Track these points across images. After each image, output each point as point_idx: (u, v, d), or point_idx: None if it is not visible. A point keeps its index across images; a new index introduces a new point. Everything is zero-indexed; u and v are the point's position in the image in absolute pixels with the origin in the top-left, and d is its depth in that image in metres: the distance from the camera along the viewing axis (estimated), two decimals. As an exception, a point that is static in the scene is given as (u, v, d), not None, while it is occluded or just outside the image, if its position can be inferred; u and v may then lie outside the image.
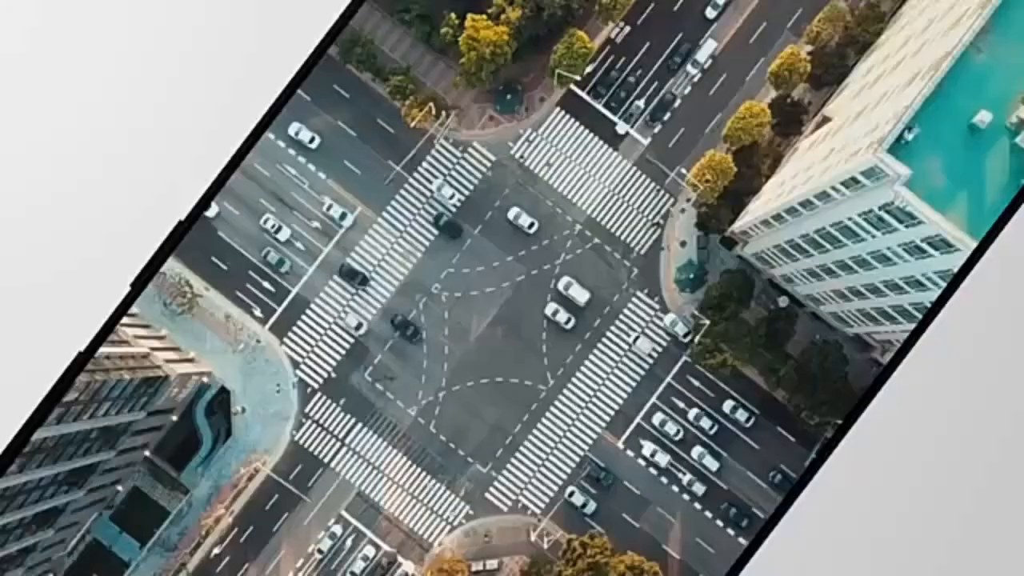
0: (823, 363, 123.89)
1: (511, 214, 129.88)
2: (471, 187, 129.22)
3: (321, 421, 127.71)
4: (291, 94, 68.75)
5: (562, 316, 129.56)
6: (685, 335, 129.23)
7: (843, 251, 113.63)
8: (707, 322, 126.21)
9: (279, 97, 67.58)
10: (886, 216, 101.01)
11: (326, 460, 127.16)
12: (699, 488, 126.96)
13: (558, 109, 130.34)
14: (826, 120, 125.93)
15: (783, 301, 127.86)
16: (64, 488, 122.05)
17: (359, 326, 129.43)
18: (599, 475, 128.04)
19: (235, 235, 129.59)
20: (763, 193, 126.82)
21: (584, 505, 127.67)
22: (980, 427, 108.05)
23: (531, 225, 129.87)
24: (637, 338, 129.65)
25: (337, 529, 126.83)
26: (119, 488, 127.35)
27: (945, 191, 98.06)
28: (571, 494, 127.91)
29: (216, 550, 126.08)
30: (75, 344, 66.79)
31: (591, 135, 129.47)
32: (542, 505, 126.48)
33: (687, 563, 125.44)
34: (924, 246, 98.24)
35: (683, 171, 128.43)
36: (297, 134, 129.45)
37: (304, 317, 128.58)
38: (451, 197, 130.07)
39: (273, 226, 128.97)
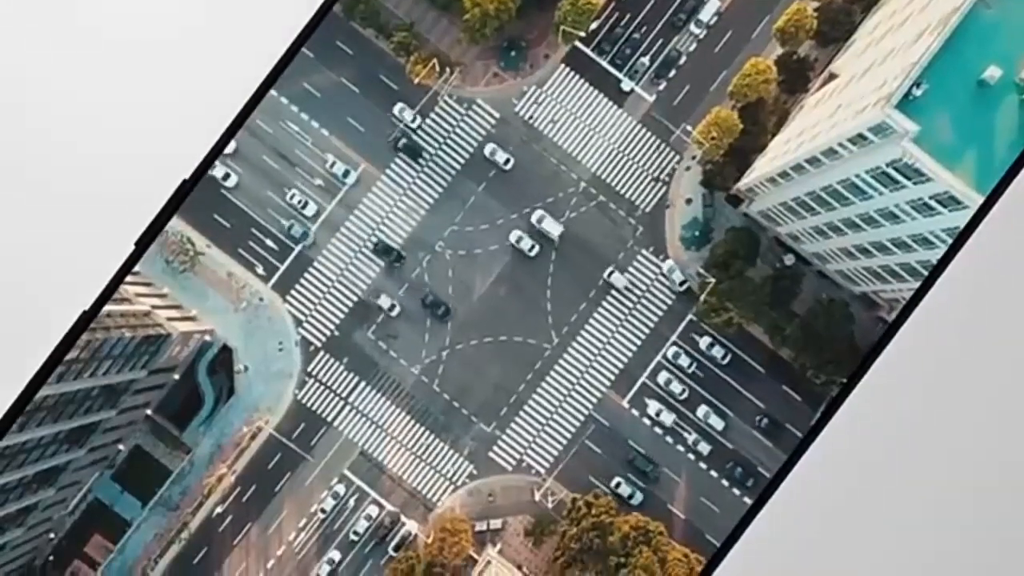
0: (829, 322, 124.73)
1: (487, 150, 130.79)
2: (475, 144, 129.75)
3: (324, 380, 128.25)
4: (296, 51, 69.77)
5: (526, 243, 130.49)
6: (682, 283, 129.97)
7: (850, 208, 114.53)
8: (712, 280, 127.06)
9: (284, 55, 68.57)
10: (894, 173, 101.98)
11: (329, 419, 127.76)
12: (704, 447, 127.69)
13: (562, 66, 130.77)
14: (833, 77, 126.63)
15: (789, 259, 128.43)
16: (65, 447, 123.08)
17: (392, 307, 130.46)
18: (647, 468, 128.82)
19: (237, 192, 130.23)
20: (769, 150, 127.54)
21: (631, 496, 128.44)
22: (986, 386, 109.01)
23: (507, 161, 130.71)
24: (611, 273, 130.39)
25: (340, 488, 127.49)
26: (120, 447, 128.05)
27: (954, 147, 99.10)
28: (617, 485, 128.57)
29: (218, 509, 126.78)
30: (78, 303, 67.95)
31: (596, 92, 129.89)
32: (546, 465, 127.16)
33: (692, 522, 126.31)
34: (932, 203, 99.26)
35: (688, 128, 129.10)
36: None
37: (307, 275, 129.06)
38: (412, 120, 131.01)
39: (300, 202, 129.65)
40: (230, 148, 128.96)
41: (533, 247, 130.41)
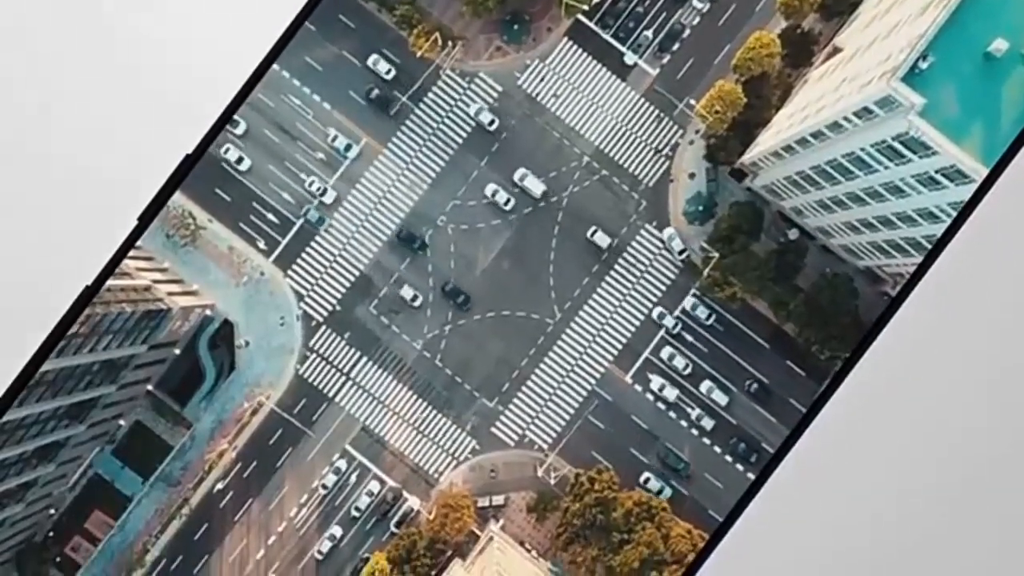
0: (833, 296, 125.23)
1: (472, 110, 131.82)
2: (475, 122, 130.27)
3: (325, 355, 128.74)
4: (300, 25, 70.22)
5: (501, 197, 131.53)
6: (681, 251, 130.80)
7: (855, 183, 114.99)
8: (716, 255, 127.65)
9: (287, 28, 68.98)
10: (899, 146, 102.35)
11: (330, 394, 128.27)
12: (708, 423, 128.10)
13: (565, 39, 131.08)
14: (837, 51, 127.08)
15: (793, 233, 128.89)
16: (65, 422, 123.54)
17: (415, 298, 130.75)
18: (678, 466, 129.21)
19: (240, 166, 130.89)
20: (773, 124, 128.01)
21: (660, 491, 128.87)
22: (991, 361, 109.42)
23: (491, 122, 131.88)
24: (595, 232, 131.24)
25: (342, 464, 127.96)
26: (121, 422, 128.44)
27: (960, 121, 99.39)
28: (646, 480, 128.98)
29: (219, 485, 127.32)
30: (79, 278, 68.50)
31: (599, 66, 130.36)
32: (549, 440, 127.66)
33: (695, 498, 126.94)
34: (938, 177, 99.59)
35: (692, 102, 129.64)
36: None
37: (308, 249, 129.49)
38: (387, 72, 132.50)
39: (319, 189, 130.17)
40: (241, 129, 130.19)
41: (508, 200, 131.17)
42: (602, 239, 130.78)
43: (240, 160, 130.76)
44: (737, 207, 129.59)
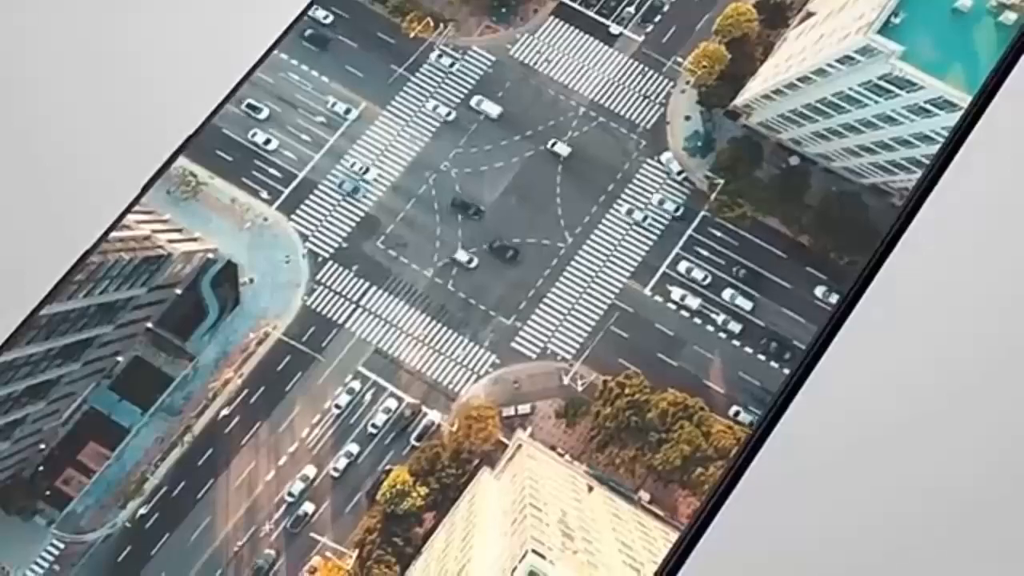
0: (843, 212, 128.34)
1: (432, 56, 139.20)
2: (473, 81, 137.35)
3: (333, 287, 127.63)
4: (300, 19, 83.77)
5: (442, 110, 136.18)
6: (679, 172, 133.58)
7: (847, 116, 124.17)
8: (721, 181, 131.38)
9: (291, 24, 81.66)
10: (885, 85, 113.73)
11: (340, 322, 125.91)
12: (735, 326, 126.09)
13: (552, 17, 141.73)
14: (810, 15, 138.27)
15: (794, 160, 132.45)
16: (58, 362, 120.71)
17: (470, 260, 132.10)
18: (766, 398, 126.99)
19: (252, 137, 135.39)
20: (760, 74, 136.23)
21: (750, 424, 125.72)
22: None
23: (451, 64, 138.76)
24: (554, 144, 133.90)
25: (355, 385, 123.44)
26: (119, 359, 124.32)
27: (939, 62, 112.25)
28: (737, 414, 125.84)
29: (224, 412, 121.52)
30: (79, 241, 78.20)
31: (586, 36, 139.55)
32: (573, 351, 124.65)
33: (732, 397, 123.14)
34: (928, 107, 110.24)
35: (679, 60, 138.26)
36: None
37: (311, 196, 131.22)
38: (325, 18, 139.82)
39: (361, 168, 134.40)
40: (263, 115, 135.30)
41: (450, 113, 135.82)
42: (562, 148, 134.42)
43: (268, 142, 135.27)
44: (736, 141, 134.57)
